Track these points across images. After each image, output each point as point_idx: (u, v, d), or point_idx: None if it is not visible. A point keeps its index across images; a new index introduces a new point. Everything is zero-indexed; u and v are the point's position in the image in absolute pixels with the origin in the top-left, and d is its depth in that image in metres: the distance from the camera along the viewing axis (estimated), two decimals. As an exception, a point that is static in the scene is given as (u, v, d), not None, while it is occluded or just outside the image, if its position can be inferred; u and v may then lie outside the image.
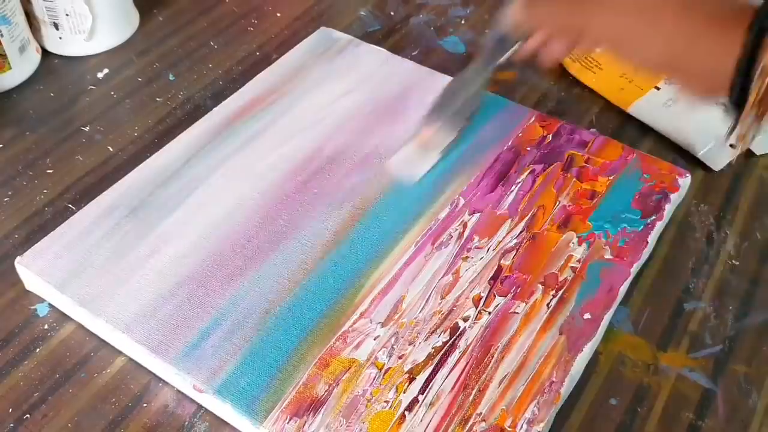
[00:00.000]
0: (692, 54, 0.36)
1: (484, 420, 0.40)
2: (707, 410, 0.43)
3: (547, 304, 0.45)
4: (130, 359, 0.44)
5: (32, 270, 0.46)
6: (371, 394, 0.41)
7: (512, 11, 0.46)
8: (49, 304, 0.47)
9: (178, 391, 0.43)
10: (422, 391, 0.41)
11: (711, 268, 0.50)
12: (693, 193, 0.54)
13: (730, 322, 0.47)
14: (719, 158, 0.57)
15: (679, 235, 0.52)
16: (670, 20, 0.36)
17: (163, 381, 0.43)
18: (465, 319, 0.44)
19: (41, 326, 0.46)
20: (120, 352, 0.45)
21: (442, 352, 0.43)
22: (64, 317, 0.46)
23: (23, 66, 0.61)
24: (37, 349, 0.45)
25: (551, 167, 0.53)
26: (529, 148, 0.54)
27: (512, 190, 0.51)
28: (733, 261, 0.50)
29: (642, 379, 0.44)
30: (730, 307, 0.48)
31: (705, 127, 0.57)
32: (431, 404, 0.41)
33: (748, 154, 0.58)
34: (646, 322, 0.47)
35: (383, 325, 0.44)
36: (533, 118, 0.57)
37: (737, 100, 0.35)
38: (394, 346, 0.43)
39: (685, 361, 0.45)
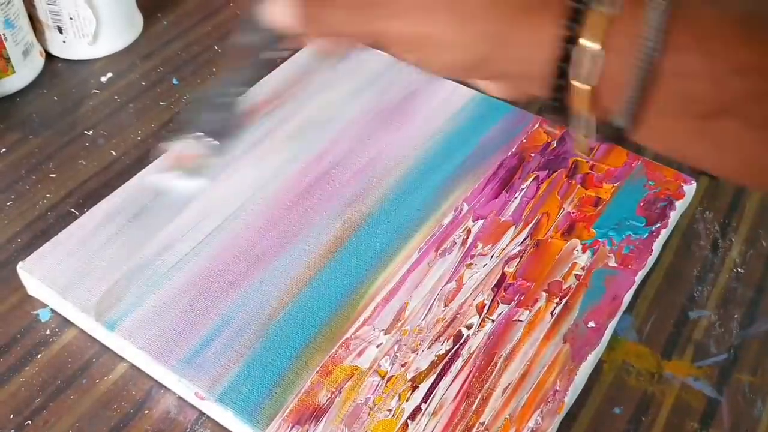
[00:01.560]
0: (503, 54, 0.29)
1: (487, 429, 0.40)
2: (712, 420, 0.43)
3: (551, 312, 0.45)
4: (132, 365, 0.44)
5: (34, 275, 0.46)
6: (374, 402, 0.41)
7: (275, 10, 0.33)
8: (51, 309, 0.47)
9: (180, 398, 0.43)
10: (425, 399, 0.41)
11: (716, 275, 0.50)
12: (698, 200, 0.54)
13: (735, 330, 0.47)
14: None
15: (684, 242, 0.52)
16: (474, 17, 0.29)
17: (165, 387, 0.43)
18: (468, 327, 0.44)
19: (43, 331, 0.46)
20: (122, 358, 0.45)
21: (445, 360, 0.43)
22: (66, 322, 0.46)
23: (27, 70, 0.61)
24: (39, 355, 0.45)
25: (555, 174, 0.53)
26: (533, 155, 0.54)
27: (516, 197, 0.51)
28: (739, 269, 0.50)
29: (646, 387, 0.44)
30: (735, 316, 0.48)
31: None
32: (434, 413, 0.40)
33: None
34: (651, 330, 0.47)
35: (386, 332, 0.44)
36: (537, 124, 0.56)
37: (558, 103, 0.29)
38: (397, 354, 0.43)
39: (689, 369, 0.45)
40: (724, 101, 0.27)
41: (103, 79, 0.63)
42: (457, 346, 0.43)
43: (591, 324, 0.44)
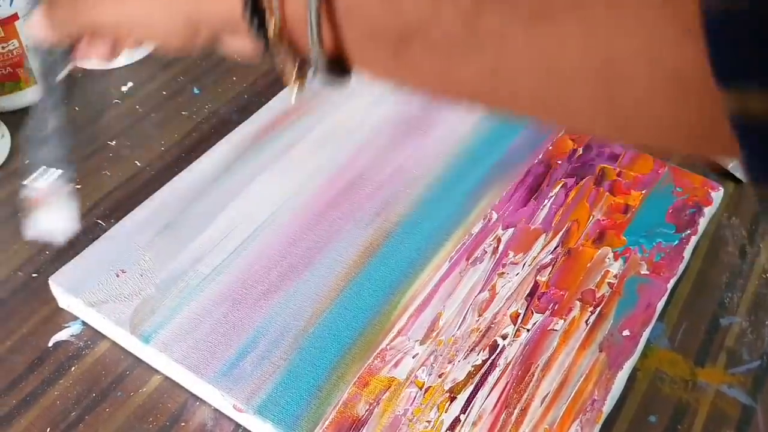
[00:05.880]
0: (202, 11, 0.31)
1: (527, 439, 0.40)
2: (748, 427, 0.43)
3: (586, 321, 0.45)
4: (166, 377, 0.44)
5: (67, 288, 0.46)
6: (412, 413, 0.41)
7: (33, 24, 0.38)
8: (83, 321, 0.47)
9: (216, 410, 0.43)
10: (464, 410, 0.41)
11: (745, 281, 0.50)
12: (724, 206, 0.54)
13: (766, 337, 0.47)
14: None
15: (712, 249, 0.52)
16: None
17: (201, 399, 0.43)
18: (504, 337, 0.44)
19: (75, 344, 0.46)
20: (155, 370, 0.44)
21: (482, 371, 0.42)
22: (98, 335, 0.46)
23: (48, 80, 0.61)
24: (72, 368, 0.45)
25: (583, 181, 0.53)
26: (559, 162, 0.54)
27: (545, 204, 0.51)
28: (767, 275, 0.50)
29: (681, 395, 0.44)
30: (767, 322, 0.48)
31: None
32: (474, 424, 0.40)
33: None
34: (683, 338, 0.47)
35: (421, 342, 0.44)
36: (563, 131, 0.56)
37: (263, 42, 0.30)
38: (434, 365, 0.43)
39: (723, 377, 0.45)
40: (403, 23, 0.26)
41: (124, 88, 0.63)
42: (494, 356, 0.43)
43: (626, 332, 0.44)
